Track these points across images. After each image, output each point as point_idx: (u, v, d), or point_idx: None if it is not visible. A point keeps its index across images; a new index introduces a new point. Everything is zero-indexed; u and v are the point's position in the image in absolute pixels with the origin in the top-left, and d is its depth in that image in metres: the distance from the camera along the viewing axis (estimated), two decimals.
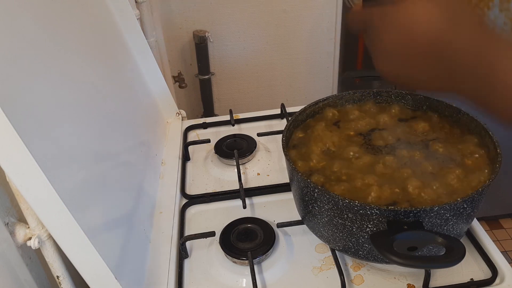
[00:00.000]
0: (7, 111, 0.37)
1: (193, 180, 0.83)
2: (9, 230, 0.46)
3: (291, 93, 1.59)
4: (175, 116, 0.99)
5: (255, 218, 0.69)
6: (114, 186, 0.62)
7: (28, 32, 0.50)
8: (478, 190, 0.52)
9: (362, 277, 0.62)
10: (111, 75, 0.75)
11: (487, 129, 0.62)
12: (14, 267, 0.48)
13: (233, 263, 0.63)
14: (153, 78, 0.93)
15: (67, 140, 0.52)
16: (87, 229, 0.45)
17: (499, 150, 0.58)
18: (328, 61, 1.54)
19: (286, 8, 1.41)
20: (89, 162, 0.56)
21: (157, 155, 0.85)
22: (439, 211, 0.50)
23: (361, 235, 0.54)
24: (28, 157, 0.39)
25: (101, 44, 0.75)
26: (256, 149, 0.86)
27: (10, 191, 0.46)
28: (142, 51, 0.90)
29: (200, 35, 1.41)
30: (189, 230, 0.71)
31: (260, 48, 1.49)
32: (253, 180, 0.81)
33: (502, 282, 0.59)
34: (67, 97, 0.55)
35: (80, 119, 0.57)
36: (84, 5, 0.71)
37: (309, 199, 0.57)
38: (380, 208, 0.50)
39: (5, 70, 0.43)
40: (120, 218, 0.61)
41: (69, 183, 0.49)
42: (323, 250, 0.66)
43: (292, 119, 0.68)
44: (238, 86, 1.56)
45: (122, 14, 0.85)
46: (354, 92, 0.74)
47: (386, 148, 0.65)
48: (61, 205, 0.42)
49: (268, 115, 0.98)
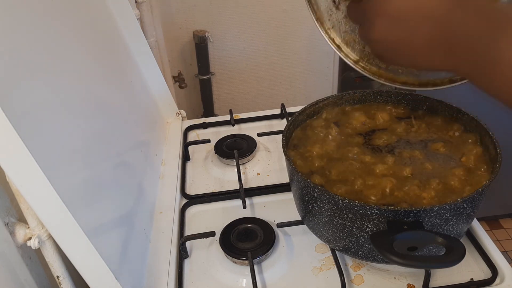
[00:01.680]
0: (7, 111, 0.37)
1: (193, 180, 0.83)
2: (9, 230, 0.46)
3: (291, 93, 1.59)
4: (175, 116, 0.99)
5: (255, 218, 0.69)
6: (114, 186, 0.62)
7: (28, 32, 0.50)
8: (478, 190, 0.52)
9: (362, 277, 0.62)
10: (111, 75, 0.75)
11: (487, 129, 0.62)
12: (14, 267, 0.48)
13: (233, 263, 0.63)
14: (153, 78, 0.93)
15: (67, 140, 0.52)
16: (87, 229, 0.45)
17: (499, 150, 0.58)
18: (328, 61, 1.54)
19: (286, 8, 1.41)
20: (89, 162, 0.56)
21: (157, 155, 0.85)
22: (439, 211, 0.50)
23: (361, 235, 0.54)
24: (28, 157, 0.39)
25: (101, 44, 0.75)
26: (256, 149, 0.86)
27: (10, 191, 0.46)
28: (142, 51, 0.90)
29: (200, 35, 1.41)
30: (189, 230, 0.71)
31: (260, 48, 1.49)
32: (253, 180, 0.81)
33: (502, 282, 0.59)
34: (67, 97, 0.55)
35: (80, 119, 0.57)
36: (84, 5, 0.71)
37: (309, 199, 0.57)
38: (380, 208, 0.50)
39: (5, 70, 0.43)
40: (120, 218, 0.61)
41: (69, 183, 0.49)
42: (323, 250, 0.66)
43: (292, 119, 0.68)
44: (238, 86, 1.56)
45: (122, 14, 0.85)
46: (354, 92, 0.74)
47: (386, 148, 0.65)
48: (61, 205, 0.42)
49: (268, 115, 0.98)
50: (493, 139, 0.60)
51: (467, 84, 0.63)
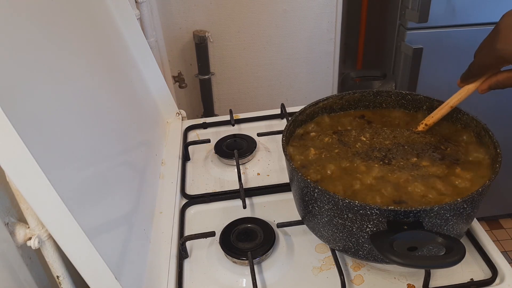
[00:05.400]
0: (7, 111, 0.37)
1: (193, 180, 0.83)
2: (9, 230, 0.46)
3: (291, 93, 1.59)
4: (175, 116, 0.99)
5: (255, 218, 0.69)
6: (114, 186, 0.62)
7: (28, 32, 0.50)
8: (478, 190, 0.52)
9: (362, 277, 0.62)
10: (111, 75, 0.75)
11: (487, 129, 0.62)
12: (14, 267, 0.48)
13: (233, 263, 0.63)
14: (153, 78, 0.93)
15: (67, 140, 0.52)
16: (87, 229, 0.45)
17: (499, 150, 0.58)
18: (328, 61, 1.54)
19: (286, 8, 1.41)
20: (89, 162, 0.56)
21: (157, 155, 0.85)
22: (439, 211, 0.50)
23: (361, 235, 0.54)
24: (29, 157, 0.39)
25: (101, 44, 0.75)
26: (256, 149, 0.86)
27: (10, 191, 0.46)
28: (142, 51, 0.90)
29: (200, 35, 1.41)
30: (189, 230, 0.71)
31: (260, 48, 1.49)
32: (253, 180, 0.81)
33: (502, 282, 0.59)
34: (67, 97, 0.55)
35: (80, 119, 0.57)
36: (84, 5, 0.71)
37: (309, 199, 0.57)
38: (380, 208, 0.50)
39: (6, 70, 0.43)
40: (120, 218, 0.61)
41: (69, 183, 0.49)
42: (323, 250, 0.66)
43: (292, 119, 0.68)
44: (238, 86, 1.56)
45: (122, 14, 0.85)
46: (354, 92, 0.74)
47: (386, 148, 0.65)
48: (61, 205, 0.42)
49: (268, 115, 0.98)
50: (493, 139, 0.60)
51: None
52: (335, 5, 1.42)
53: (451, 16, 1.33)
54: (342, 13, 1.45)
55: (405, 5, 1.37)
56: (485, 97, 0.69)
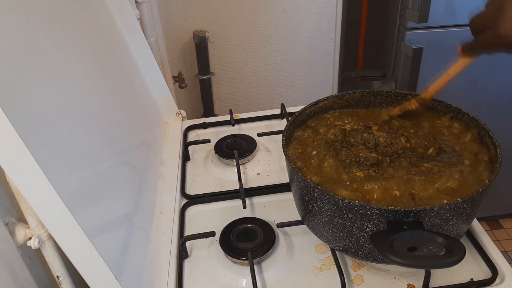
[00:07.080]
0: (7, 111, 0.37)
1: (193, 180, 0.83)
2: (9, 230, 0.46)
3: (291, 93, 1.59)
4: (175, 116, 0.99)
5: (255, 218, 0.69)
6: (114, 186, 0.62)
7: (28, 33, 0.50)
8: (478, 190, 0.52)
9: (362, 277, 0.62)
10: (111, 75, 0.75)
11: (487, 129, 0.62)
12: (14, 267, 0.48)
13: (233, 263, 0.63)
14: (153, 78, 0.93)
15: (67, 140, 0.52)
16: (87, 229, 0.45)
17: (499, 150, 0.58)
18: (328, 61, 1.54)
19: (286, 8, 1.41)
20: (89, 162, 0.56)
21: (157, 155, 0.85)
22: (439, 211, 0.50)
23: (361, 235, 0.54)
24: (29, 157, 0.39)
25: (101, 44, 0.75)
26: (256, 149, 0.86)
27: (10, 191, 0.46)
28: (142, 51, 0.90)
29: (200, 35, 1.41)
30: (189, 230, 0.71)
31: (260, 48, 1.49)
32: (253, 180, 0.81)
33: (502, 282, 0.59)
34: (67, 97, 0.55)
35: (80, 119, 0.57)
36: (84, 5, 0.71)
37: (309, 199, 0.57)
38: (380, 208, 0.50)
39: (6, 70, 0.43)
40: (120, 218, 0.61)
41: (69, 183, 0.49)
42: (323, 250, 0.66)
43: (292, 119, 0.68)
44: (238, 86, 1.56)
45: (122, 14, 0.85)
46: (354, 92, 0.74)
47: (385, 149, 0.65)
48: (61, 205, 0.42)
49: (268, 115, 0.98)
50: (493, 139, 0.60)
51: (467, 84, 0.63)
52: (335, 5, 1.42)
53: (451, 16, 1.33)
54: (342, 13, 1.45)
55: (405, 5, 1.37)
56: (485, 97, 0.69)
